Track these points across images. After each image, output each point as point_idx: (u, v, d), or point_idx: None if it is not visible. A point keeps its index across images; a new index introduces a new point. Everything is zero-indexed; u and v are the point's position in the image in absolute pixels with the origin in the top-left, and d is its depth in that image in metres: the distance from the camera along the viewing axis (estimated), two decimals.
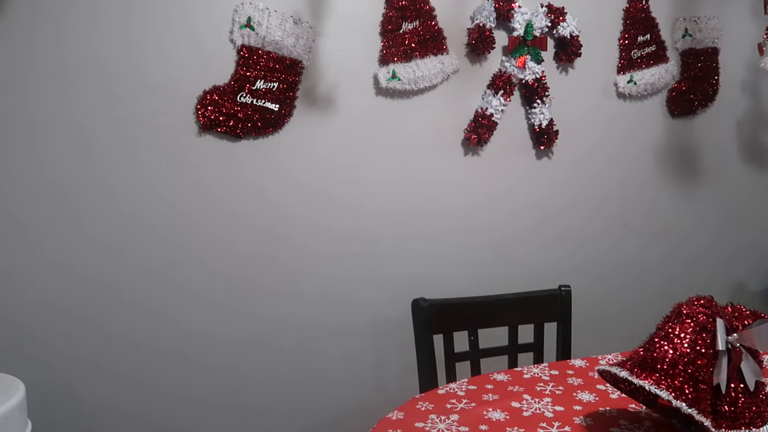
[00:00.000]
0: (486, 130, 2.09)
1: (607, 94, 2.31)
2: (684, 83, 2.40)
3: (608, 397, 1.21)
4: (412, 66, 1.97)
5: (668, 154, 2.45)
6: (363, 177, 2.01)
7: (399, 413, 1.14)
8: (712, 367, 1.01)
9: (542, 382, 1.29)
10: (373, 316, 2.08)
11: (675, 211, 2.48)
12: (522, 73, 2.10)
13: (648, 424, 1.09)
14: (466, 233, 2.17)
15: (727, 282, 2.62)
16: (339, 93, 1.95)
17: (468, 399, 1.20)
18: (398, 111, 2.02)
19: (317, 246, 1.98)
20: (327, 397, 2.05)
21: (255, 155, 1.88)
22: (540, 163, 2.24)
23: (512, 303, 1.64)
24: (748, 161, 2.59)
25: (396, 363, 2.10)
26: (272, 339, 1.97)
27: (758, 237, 2.64)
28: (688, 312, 1.05)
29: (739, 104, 2.54)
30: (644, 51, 2.31)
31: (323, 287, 2.01)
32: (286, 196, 1.93)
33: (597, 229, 2.35)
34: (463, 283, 2.12)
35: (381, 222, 2.06)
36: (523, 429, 1.07)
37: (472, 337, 1.60)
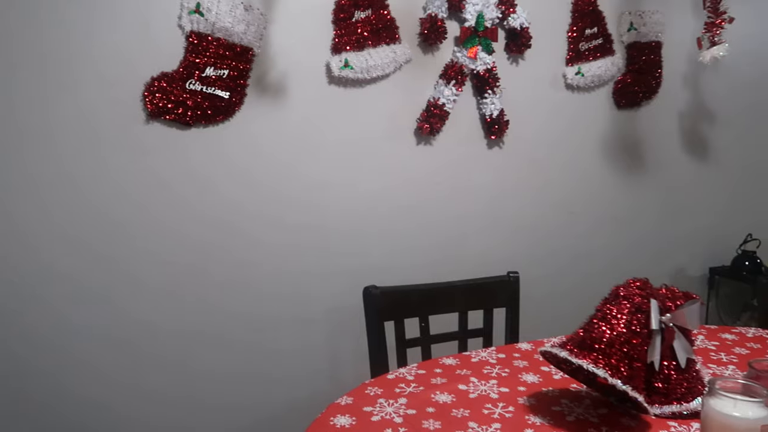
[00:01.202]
0: (438, 120, 2.11)
1: (555, 86, 2.36)
2: (629, 76, 2.48)
3: (551, 378, 1.25)
4: (364, 55, 1.97)
5: (614, 145, 2.52)
6: (315, 166, 2.01)
7: (348, 398, 1.15)
8: (646, 346, 1.05)
9: (489, 365, 1.32)
10: (327, 305, 2.09)
11: (620, 200, 2.56)
12: (473, 64, 2.13)
13: (588, 402, 1.13)
14: (418, 222, 2.19)
15: (668, 267, 2.73)
16: (291, 81, 1.93)
17: (416, 383, 1.22)
18: (351, 100, 2.03)
19: (270, 236, 1.97)
20: (280, 390, 2.05)
21: (205, 143, 1.85)
22: (491, 152, 2.28)
23: (462, 289, 1.67)
24: (689, 152, 2.70)
25: (350, 351, 2.12)
26: (224, 331, 1.95)
27: (697, 225, 2.75)
28: (625, 294, 1.09)
29: (681, 97, 2.64)
30: (591, 44, 2.37)
31: (276, 278, 2.00)
32: (238, 185, 1.91)
33: (546, 216, 2.42)
34: (416, 270, 2.15)
35: (333, 211, 2.06)
36: (468, 410, 1.10)
37: (423, 324, 1.62)
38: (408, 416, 1.07)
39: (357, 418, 1.06)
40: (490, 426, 1.03)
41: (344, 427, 1.03)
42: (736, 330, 1.55)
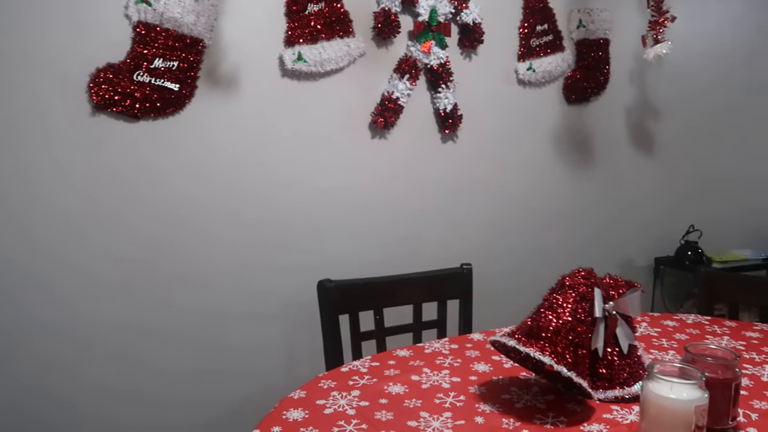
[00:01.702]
0: (392, 114, 2.12)
1: (508, 81, 2.40)
2: (578, 72, 2.54)
3: (502, 367, 1.27)
4: (318, 48, 1.96)
5: (565, 139, 2.59)
6: (269, 159, 1.99)
7: (301, 392, 1.15)
8: (590, 334, 1.09)
9: (442, 356, 1.34)
10: (283, 301, 2.08)
11: (570, 193, 2.63)
12: (427, 58, 2.14)
13: (536, 390, 1.16)
14: (374, 216, 2.20)
15: (617, 258, 2.82)
16: (243, 74, 1.91)
17: (370, 375, 1.23)
18: (305, 93, 2.01)
19: (224, 230, 1.95)
20: (236, 386, 2.03)
21: (155, 136, 1.81)
22: (445, 146, 2.31)
23: (416, 282, 1.69)
24: (635, 146, 2.79)
25: (307, 346, 2.11)
26: (177, 327, 1.92)
27: (644, 217, 2.85)
28: (571, 283, 1.13)
29: (628, 93, 2.72)
30: (542, 40, 2.42)
31: (231, 274, 1.98)
32: (190, 180, 1.88)
33: (500, 210, 2.46)
34: (372, 264, 2.15)
35: (288, 205, 2.05)
36: (420, 400, 1.11)
37: (377, 316, 1.63)
38: (361, 408, 1.08)
39: (309, 412, 1.07)
40: (441, 415, 1.05)
41: (297, 420, 1.03)
42: (677, 317, 1.62)
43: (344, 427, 1.01)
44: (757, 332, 1.49)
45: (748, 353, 1.35)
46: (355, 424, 1.02)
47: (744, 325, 1.55)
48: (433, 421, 1.03)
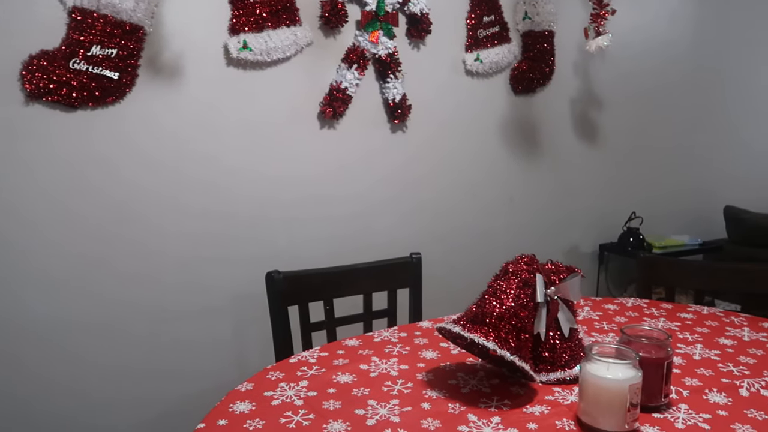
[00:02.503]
0: (341, 104, 2.11)
1: (456, 71, 2.42)
2: (525, 63, 2.58)
3: (449, 354, 1.29)
4: (264, 36, 1.93)
5: (512, 129, 2.63)
6: (215, 150, 1.95)
7: (248, 384, 1.14)
8: (533, 318, 1.12)
9: (391, 344, 1.35)
10: (233, 292, 2.05)
11: (517, 181, 2.68)
12: (375, 48, 2.14)
13: (482, 374, 1.18)
14: (324, 206, 2.19)
15: (563, 244, 2.89)
16: (186, 62, 1.86)
17: (319, 365, 1.23)
18: (251, 82, 1.98)
19: (170, 222, 1.90)
20: (186, 381, 1.99)
21: (95, 126, 1.75)
22: (395, 136, 2.31)
23: (365, 272, 1.69)
24: (579, 136, 2.86)
25: (257, 339, 2.09)
26: (124, 323, 1.87)
27: (588, 204, 2.94)
28: (514, 270, 1.15)
29: (572, 84, 2.79)
30: (489, 31, 2.45)
31: (178, 266, 1.94)
32: (132, 170, 1.82)
33: (449, 198, 2.49)
34: (323, 254, 2.15)
35: (236, 196, 2.01)
36: (368, 389, 1.12)
37: (327, 307, 1.63)
38: (309, 398, 1.08)
39: (257, 403, 1.06)
40: (389, 402, 1.06)
41: (243, 413, 1.02)
42: (618, 301, 1.68)
43: (291, 418, 1.01)
44: (691, 314, 1.56)
45: (681, 333, 1.41)
46: (302, 414, 1.02)
47: (679, 307, 1.62)
48: (381, 408, 1.04)
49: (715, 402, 1.06)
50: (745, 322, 1.48)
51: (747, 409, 1.03)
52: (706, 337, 1.39)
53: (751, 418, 1.00)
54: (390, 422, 0.99)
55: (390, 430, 0.97)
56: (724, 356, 1.27)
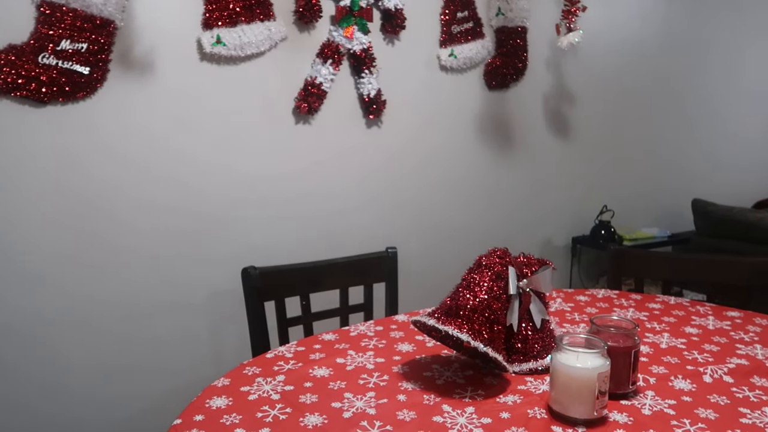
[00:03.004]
0: (316, 99, 2.11)
1: (430, 67, 2.44)
2: (498, 59, 2.61)
3: (425, 346, 1.31)
4: (237, 31, 1.92)
5: (486, 124, 2.66)
6: (189, 145, 1.94)
7: (225, 380, 1.14)
8: (506, 310, 1.14)
9: (367, 338, 1.36)
10: (209, 289, 2.04)
11: (492, 176, 2.72)
12: (350, 43, 2.14)
13: (456, 366, 1.20)
14: (300, 201, 2.19)
15: (537, 238, 2.94)
16: (159, 57, 1.85)
17: (295, 360, 1.24)
18: (225, 77, 1.97)
19: (143, 219, 1.89)
20: (162, 379, 1.98)
21: (65, 122, 1.73)
22: (370, 131, 2.32)
23: (342, 267, 1.70)
24: (553, 131, 2.91)
25: (234, 335, 2.09)
26: (97, 320, 1.85)
27: (561, 198, 2.98)
28: (487, 263, 1.17)
29: (545, 79, 2.83)
30: (463, 27, 2.47)
31: (152, 263, 1.92)
32: (104, 167, 1.80)
33: (424, 193, 2.51)
34: (299, 250, 2.15)
35: (211, 192, 2.00)
36: (345, 382, 1.13)
37: (304, 302, 1.63)
38: (285, 392, 1.09)
39: (233, 399, 1.06)
40: (365, 395, 1.08)
41: (220, 408, 1.03)
42: (589, 292, 1.71)
43: (268, 412, 1.01)
44: (658, 303, 1.60)
45: (649, 323, 1.45)
46: (279, 409, 1.03)
47: (648, 297, 1.66)
48: (357, 401, 1.05)
49: (680, 388, 1.09)
50: (710, 312, 1.53)
51: (710, 394, 1.07)
52: (672, 326, 1.43)
53: (714, 403, 1.04)
54: (366, 414, 1.01)
55: (366, 422, 0.98)
56: (689, 344, 1.31)
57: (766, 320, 1.46)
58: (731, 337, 1.35)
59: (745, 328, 1.41)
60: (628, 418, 0.99)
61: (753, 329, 1.40)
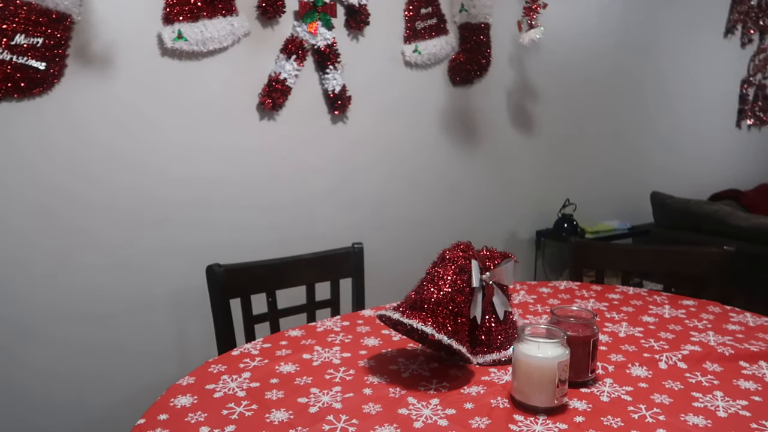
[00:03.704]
0: (280, 95, 2.10)
1: (395, 63, 2.45)
2: (462, 55, 2.64)
3: (391, 340, 1.33)
4: (199, 26, 1.90)
5: (450, 119, 2.68)
6: (152, 141, 1.91)
7: (190, 378, 1.14)
8: (469, 303, 1.16)
9: (333, 333, 1.37)
10: (173, 286, 2.02)
11: (457, 170, 2.74)
12: (314, 39, 2.14)
13: (422, 359, 1.22)
14: (265, 198, 2.18)
15: (501, 231, 2.98)
16: (118, 52, 1.81)
17: (261, 356, 1.23)
18: (187, 73, 1.95)
19: (103, 217, 1.85)
20: (124, 380, 1.95)
21: (20, 118, 1.68)
22: (335, 127, 2.32)
23: (308, 263, 1.70)
24: (515, 126, 2.95)
25: (199, 332, 2.07)
26: (53, 326, 1.81)
27: (525, 192, 3.03)
28: (451, 256, 1.19)
29: (508, 75, 2.87)
30: (427, 23, 2.49)
31: (115, 261, 1.89)
32: (62, 164, 1.76)
33: (390, 188, 2.52)
34: (265, 246, 2.14)
35: (174, 189, 1.98)
36: (311, 377, 1.14)
37: (270, 299, 1.63)
38: (251, 389, 1.09)
39: (198, 397, 1.06)
40: (331, 390, 1.08)
41: (185, 406, 1.02)
42: (552, 284, 1.75)
43: (234, 409, 1.01)
44: (618, 294, 1.65)
45: (609, 313, 1.49)
46: (245, 405, 1.02)
47: (608, 288, 1.71)
48: (323, 396, 1.06)
49: (637, 375, 1.13)
50: (666, 301, 1.58)
51: (665, 380, 1.11)
52: (631, 315, 1.47)
53: (668, 388, 1.08)
54: (332, 408, 1.01)
55: (332, 416, 0.99)
56: (646, 333, 1.35)
57: (719, 308, 1.52)
58: (686, 325, 1.40)
59: (699, 316, 1.46)
60: (587, 405, 1.02)
61: (706, 317, 1.45)
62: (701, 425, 0.95)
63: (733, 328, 1.37)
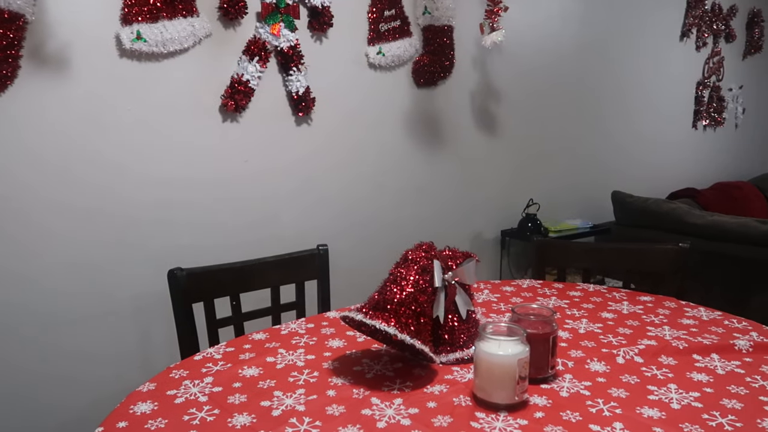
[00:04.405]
0: (243, 97, 2.08)
1: (359, 64, 2.45)
2: (426, 57, 2.66)
3: (355, 341, 1.33)
4: (159, 27, 1.87)
5: (415, 121, 2.70)
6: (110, 145, 1.87)
7: (150, 384, 1.12)
8: (432, 303, 1.17)
9: (298, 336, 1.36)
10: (135, 293, 1.98)
11: (422, 172, 2.76)
12: (277, 41, 2.13)
13: (386, 359, 1.23)
14: (229, 200, 2.16)
15: (467, 232, 3.01)
16: (74, 53, 1.77)
17: (224, 361, 1.22)
18: (148, 75, 1.91)
19: (61, 223, 1.81)
20: (86, 388, 1.90)
21: None
22: (300, 129, 2.31)
23: (272, 265, 1.69)
24: (480, 127, 2.98)
25: (163, 339, 2.03)
26: (16, 328, 1.76)
27: (490, 193, 3.07)
28: (413, 257, 1.20)
29: (472, 77, 2.90)
30: (390, 25, 2.50)
31: (74, 268, 1.85)
32: (15, 170, 1.71)
33: (356, 190, 2.52)
34: (229, 250, 2.12)
35: (136, 193, 1.94)
36: (275, 380, 1.13)
37: (234, 302, 1.61)
38: (213, 394, 1.08)
39: (159, 403, 1.04)
40: (295, 392, 1.08)
41: (144, 413, 1.01)
42: (515, 283, 1.78)
43: (195, 415, 1.00)
44: (579, 291, 1.68)
45: (570, 310, 1.52)
46: (206, 411, 1.01)
47: (569, 285, 1.75)
48: (287, 398, 1.06)
49: (596, 370, 1.16)
50: (625, 297, 1.62)
51: (622, 374, 1.14)
52: (590, 312, 1.51)
53: (625, 382, 1.11)
54: (295, 411, 1.01)
55: (295, 418, 0.98)
56: (605, 329, 1.39)
57: (674, 303, 1.57)
58: (643, 320, 1.44)
59: (656, 311, 1.50)
60: (547, 400, 1.04)
61: (663, 312, 1.50)
62: (656, 417, 0.98)
63: (688, 322, 1.42)
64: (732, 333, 1.34)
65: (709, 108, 4.49)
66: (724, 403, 1.03)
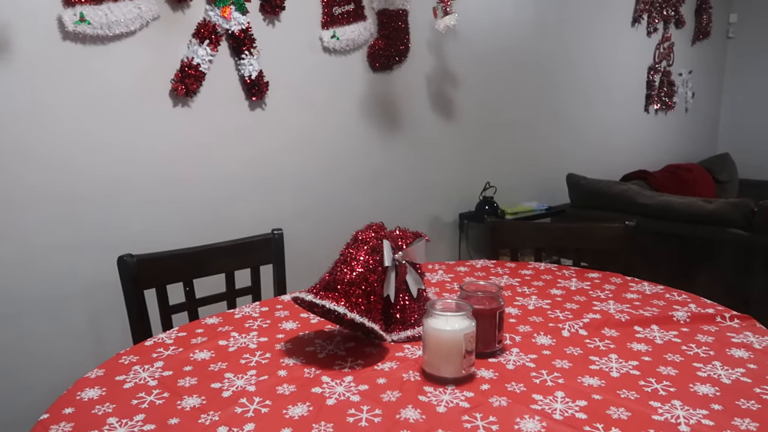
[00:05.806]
0: (194, 81, 2.05)
1: (313, 48, 2.44)
2: (381, 41, 2.65)
3: (309, 323, 1.33)
4: (103, 9, 1.82)
5: (371, 105, 2.70)
6: (53, 131, 1.82)
7: (99, 371, 1.11)
8: (382, 282, 1.18)
9: (251, 319, 1.36)
10: (86, 280, 1.94)
11: (379, 155, 2.77)
12: (228, 24, 2.09)
13: (338, 339, 1.24)
14: (182, 186, 2.13)
15: (425, 215, 3.04)
16: (15, 35, 1.71)
17: (176, 345, 1.22)
18: (93, 58, 1.86)
19: (5, 208, 1.75)
20: (36, 377, 1.86)
21: None
22: (254, 113, 2.29)
23: (225, 251, 1.68)
24: (436, 111, 3.00)
25: (115, 326, 2.00)
26: None
27: (447, 176, 3.10)
28: (363, 238, 1.21)
29: (427, 61, 2.91)
30: (344, 8, 2.48)
31: (21, 253, 1.80)
32: None
33: (311, 174, 2.51)
34: (183, 235, 2.09)
35: (83, 179, 1.90)
36: (226, 363, 1.13)
37: (187, 288, 1.60)
38: (164, 378, 1.07)
39: (107, 389, 1.03)
40: (246, 374, 1.08)
41: (92, 399, 1.00)
42: (469, 263, 1.81)
43: (144, 399, 0.99)
44: (530, 270, 1.72)
45: (520, 288, 1.56)
46: (156, 394, 1.01)
47: (521, 265, 1.79)
48: (237, 380, 1.06)
49: (542, 344, 1.19)
50: (574, 274, 1.67)
51: (567, 347, 1.18)
52: (540, 289, 1.55)
53: (569, 354, 1.15)
54: (246, 392, 1.01)
55: (245, 398, 0.99)
56: (553, 304, 1.43)
57: (620, 279, 1.62)
58: (590, 295, 1.49)
59: (602, 287, 1.55)
60: (494, 373, 1.07)
61: (609, 287, 1.55)
62: (596, 385, 1.02)
63: (632, 296, 1.47)
64: (672, 305, 1.39)
65: (660, 92, 4.62)
66: (660, 370, 1.07)
